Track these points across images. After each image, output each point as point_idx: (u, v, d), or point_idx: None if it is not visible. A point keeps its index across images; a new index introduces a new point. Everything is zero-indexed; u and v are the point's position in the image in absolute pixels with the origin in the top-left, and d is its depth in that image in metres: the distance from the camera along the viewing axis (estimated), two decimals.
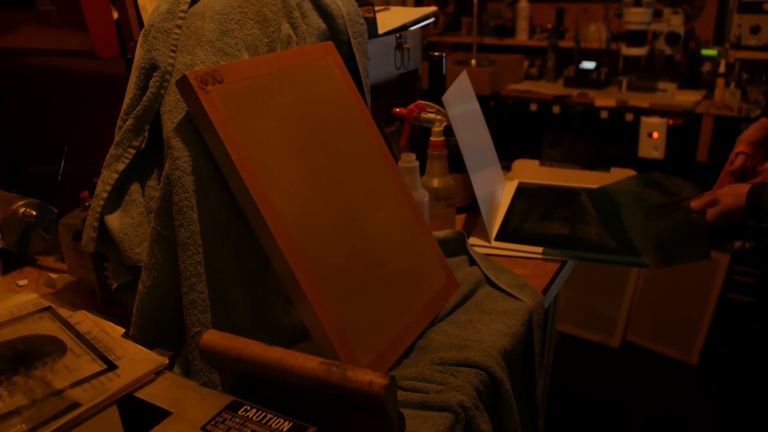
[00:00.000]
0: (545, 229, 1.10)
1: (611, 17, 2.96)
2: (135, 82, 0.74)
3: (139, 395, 0.60)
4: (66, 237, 0.85)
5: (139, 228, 0.75)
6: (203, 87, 0.65)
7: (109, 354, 0.65)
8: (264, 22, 0.81)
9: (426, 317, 0.79)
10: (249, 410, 0.55)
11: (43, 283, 0.94)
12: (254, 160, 0.67)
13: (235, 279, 0.71)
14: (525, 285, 0.89)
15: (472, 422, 0.66)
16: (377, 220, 0.79)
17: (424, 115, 1.06)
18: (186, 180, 0.66)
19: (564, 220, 1.13)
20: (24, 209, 0.71)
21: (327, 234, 0.71)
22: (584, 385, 2.19)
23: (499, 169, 1.28)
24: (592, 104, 2.70)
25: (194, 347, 0.67)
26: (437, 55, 1.29)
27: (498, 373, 0.72)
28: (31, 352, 0.65)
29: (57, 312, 0.73)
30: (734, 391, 2.10)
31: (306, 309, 0.66)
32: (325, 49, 0.84)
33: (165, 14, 0.75)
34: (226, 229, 0.70)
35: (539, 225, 1.11)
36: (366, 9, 1.05)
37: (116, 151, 0.74)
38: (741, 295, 2.22)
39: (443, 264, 0.86)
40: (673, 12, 2.67)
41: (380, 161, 0.84)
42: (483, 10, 3.31)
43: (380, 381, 0.52)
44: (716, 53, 2.66)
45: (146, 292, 0.71)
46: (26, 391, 0.58)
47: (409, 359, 0.74)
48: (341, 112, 0.82)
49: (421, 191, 0.96)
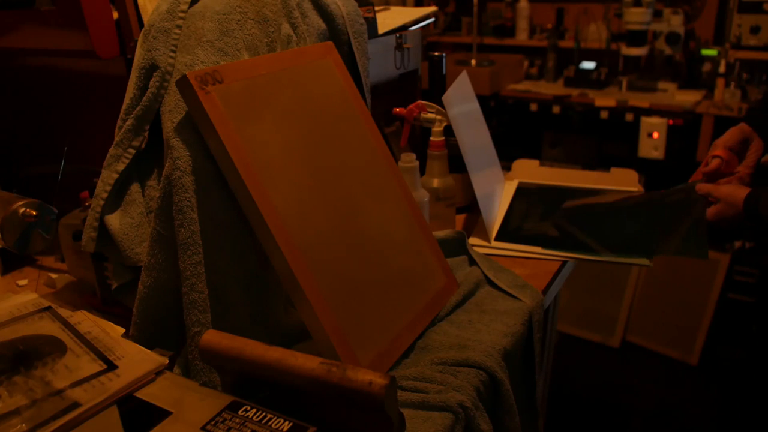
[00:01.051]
0: (545, 229, 1.10)
1: (611, 17, 2.96)
2: (135, 82, 0.74)
3: (139, 395, 0.60)
4: (66, 237, 0.85)
5: (139, 228, 0.75)
6: (203, 87, 0.65)
7: (109, 354, 0.65)
8: (264, 22, 0.81)
9: (426, 317, 0.79)
10: (249, 410, 0.55)
11: (43, 283, 0.94)
12: (254, 160, 0.67)
13: (235, 279, 0.71)
14: (525, 285, 0.89)
15: (472, 422, 0.66)
16: (377, 220, 0.79)
17: (424, 115, 1.06)
18: (186, 180, 0.66)
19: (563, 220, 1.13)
20: (24, 209, 0.71)
21: (327, 234, 0.71)
22: (584, 385, 2.19)
23: (499, 169, 1.28)
24: (592, 104, 2.70)
25: (194, 347, 0.67)
26: (437, 55, 1.29)
27: (498, 373, 0.72)
28: (31, 352, 0.65)
29: (57, 312, 0.73)
30: (734, 391, 2.10)
31: (306, 309, 0.66)
32: (325, 49, 0.84)
33: (165, 14, 0.75)
34: (226, 229, 0.70)
35: (539, 225, 1.11)
36: (366, 9, 1.05)
37: (116, 151, 0.74)
38: (741, 295, 2.22)
39: (443, 264, 0.86)
40: (673, 12, 2.67)
41: (380, 161, 0.84)
42: (483, 10, 3.31)
43: (380, 381, 0.52)
44: (716, 53, 2.66)
45: (146, 292, 0.71)
46: (26, 391, 0.58)
47: (409, 359, 0.74)
48: (341, 112, 0.82)
49: (421, 191, 0.96)
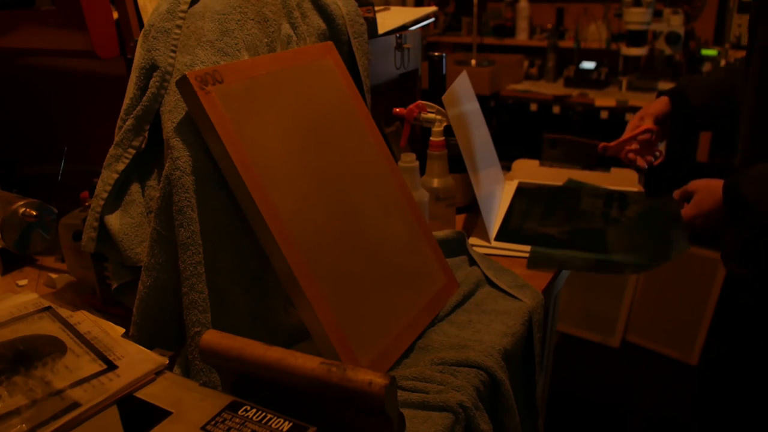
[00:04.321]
0: (545, 229, 1.09)
1: (611, 17, 2.96)
2: (135, 82, 0.74)
3: (139, 395, 0.60)
4: (66, 237, 0.85)
5: (139, 228, 0.75)
6: (203, 87, 0.65)
7: (109, 354, 0.65)
8: (264, 22, 0.81)
9: (426, 317, 0.79)
10: (249, 410, 0.55)
11: (43, 283, 0.94)
12: (254, 160, 0.67)
13: (235, 279, 0.71)
14: (525, 285, 0.89)
15: (472, 422, 0.66)
16: (377, 220, 0.79)
17: (424, 115, 1.06)
18: (186, 180, 0.66)
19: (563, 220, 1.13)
20: (24, 209, 0.71)
21: (327, 234, 0.71)
22: (584, 385, 2.19)
23: (499, 169, 1.28)
24: (592, 104, 2.70)
25: (194, 347, 0.67)
26: (437, 55, 1.29)
27: (498, 373, 0.72)
28: (31, 352, 0.65)
29: (57, 312, 0.73)
30: (734, 391, 2.10)
31: (306, 309, 0.66)
32: (325, 49, 0.84)
33: (165, 14, 0.75)
34: (226, 229, 0.70)
35: (539, 225, 1.11)
36: (366, 9, 1.05)
37: (116, 151, 0.74)
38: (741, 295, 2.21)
39: (443, 264, 0.86)
40: (673, 12, 2.67)
41: (380, 161, 0.84)
42: (483, 10, 3.31)
43: (380, 381, 0.52)
44: (716, 53, 2.66)
45: (146, 292, 0.71)
46: (26, 391, 0.58)
47: (409, 359, 0.74)
48: (341, 112, 0.82)
49: (421, 191, 0.96)
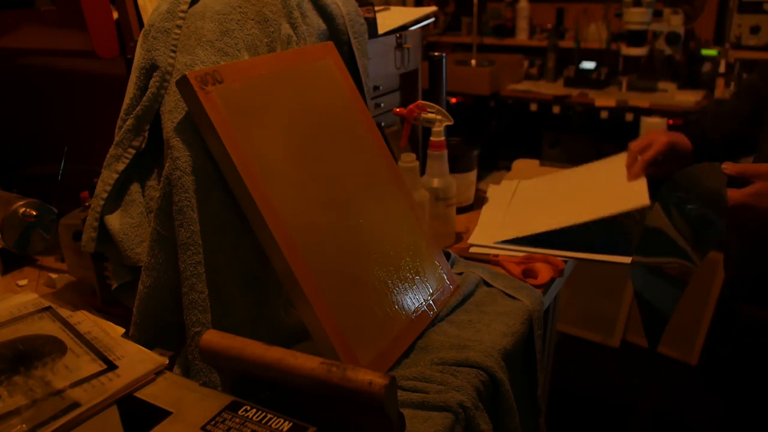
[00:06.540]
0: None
1: (611, 17, 2.95)
2: (135, 82, 0.74)
3: (139, 395, 0.60)
4: (66, 237, 0.85)
5: (139, 228, 0.75)
6: (203, 87, 0.65)
7: (109, 354, 0.65)
8: (264, 22, 0.81)
9: (426, 317, 0.79)
10: (249, 410, 0.55)
11: (43, 283, 0.94)
12: (254, 160, 0.67)
13: (235, 279, 0.71)
14: (522, 286, 0.89)
15: (472, 422, 0.66)
16: (377, 219, 0.79)
17: (424, 115, 1.06)
18: (186, 180, 0.66)
19: None
20: (24, 209, 0.71)
21: (327, 234, 0.71)
22: (584, 385, 2.19)
23: None
24: (592, 104, 2.70)
25: (194, 347, 0.67)
26: (437, 55, 1.29)
27: (498, 373, 0.72)
28: (31, 352, 0.65)
29: (57, 312, 0.73)
30: (734, 391, 2.10)
31: (306, 309, 0.66)
32: (325, 49, 0.84)
33: (165, 14, 0.75)
34: (226, 230, 0.70)
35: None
36: (366, 9, 1.05)
37: (116, 151, 0.74)
38: None
39: (443, 264, 0.86)
40: (673, 12, 2.67)
41: (380, 161, 0.84)
42: (483, 10, 3.31)
43: (380, 381, 0.52)
44: (716, 53, 2.66)
45: (146, 292, 0.71)
46: (26, 391, 0.58)
47: (409, 359, 0.74)
48: (341, 112, 0.82)
49: (421, 191, 0.96)
